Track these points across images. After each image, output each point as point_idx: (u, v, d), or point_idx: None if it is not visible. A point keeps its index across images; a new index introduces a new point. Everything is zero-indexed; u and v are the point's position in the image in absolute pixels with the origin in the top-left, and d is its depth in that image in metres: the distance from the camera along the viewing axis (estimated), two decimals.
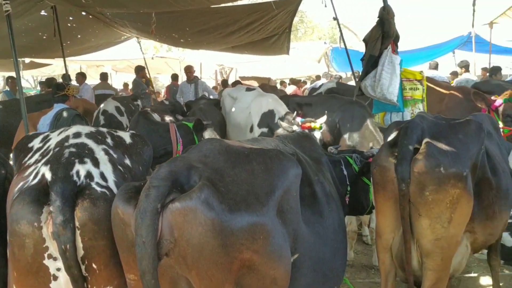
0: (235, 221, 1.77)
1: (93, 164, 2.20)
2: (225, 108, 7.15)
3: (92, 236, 2.05)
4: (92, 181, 2.13)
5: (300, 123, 5.95)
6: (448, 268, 2.91)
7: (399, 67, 4.94)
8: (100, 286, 2.14)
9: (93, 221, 2.03)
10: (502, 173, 3.37)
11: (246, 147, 2.13)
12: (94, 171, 2.17)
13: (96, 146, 2.32)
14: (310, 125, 5.87)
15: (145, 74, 11.35)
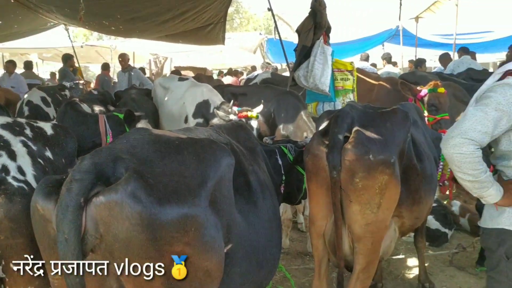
0: (165, 213, 1.70)
1: (9, 157, 2.04)
2: (157, 98, 6.93)
3: (9, 234, 1.91)
4: (8, 175, 1.98)
5: (237, 112, 5.93)
6: (378, 251, 3.03)
7: (330, 57, 5.05)
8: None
9: (10, 219, 1.90)
10: (427, 160, 3.55)
11: (177, 137, 2.06)
12: (11, 165, 2.02)
13: (13, 137, 2.15)
14: (247, 114, 5.86)
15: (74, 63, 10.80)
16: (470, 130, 2.16)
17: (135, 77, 9.32)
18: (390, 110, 3.21)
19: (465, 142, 2.16)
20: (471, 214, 5.69)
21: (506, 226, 2.29)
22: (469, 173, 2.20)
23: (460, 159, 2.18)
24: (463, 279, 4.64)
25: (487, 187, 2.22)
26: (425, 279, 4.40)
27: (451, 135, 2.23)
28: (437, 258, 5.15)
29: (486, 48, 15.17)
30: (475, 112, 2.21)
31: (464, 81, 7.69)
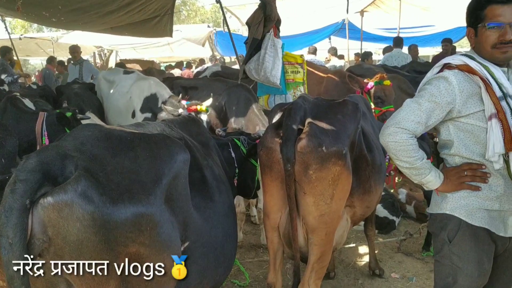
0: (119, 213, 1.64)
1: None
2: (101, 92, 6.64)
3: None
4: None
5: (186, 106, 5.83)
6: (331, 241, 3.07)
7: (281, 50, 5.06)
8: None
9: None
10: (376, 150, 3.64)
11: (129, 132, 1.98)
12: None
13: None
14: (196, 107, 5.78)
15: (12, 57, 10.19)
16: (403, 120, 2.27)
17: (86, 69, 8.85)
18: (341, 102, 3.27)
19: (399, 131, 2.27)
20: (417, 202, 5.93)
21: (447, 211, 2.39)
22: (405, 160, 2.31)
23: (395, 147, 2.29)
24: (410, 264, 4.82)
25: (425, 173, 2.33)
26: (375, 266, 4.54)
27: (387, 124, 2.34)
28: (386, 245, 5.32)
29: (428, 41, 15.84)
30: (410, 103, 2.33)
31: (407, 73, 7.97)
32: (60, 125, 4.32)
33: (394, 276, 4.58)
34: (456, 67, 2.28)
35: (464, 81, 2.25)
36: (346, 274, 4.64)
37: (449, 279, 2.37)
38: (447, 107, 2.25)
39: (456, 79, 2.24)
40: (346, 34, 14.22)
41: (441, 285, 2.43)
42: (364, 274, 4.63)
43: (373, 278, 4.51)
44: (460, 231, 2.34)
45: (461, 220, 2.35)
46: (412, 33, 15.52)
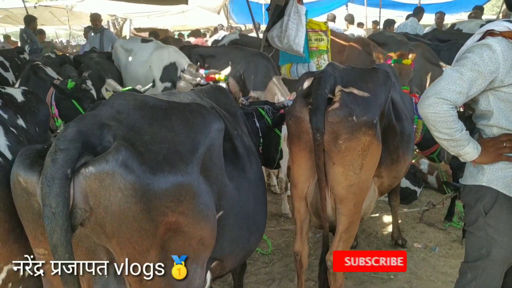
0: (159, 183, 1.62)
1: None
2: (119, 61, 6.57)
3: None
4: None
5: (204, 75, 5.77)
6: (360, 212, 3.06)
7: (304, 17, 4.93)
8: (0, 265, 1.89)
9: None
10: (405, 119, 3.58)
11: (164, 101, 1.95)
12: None
13: None
14: (214, 76, 5.72)
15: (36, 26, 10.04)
16: (444, 90, 2.18)
17: (107, 38, 8.66)
18: (371, 70, 3.19)
19: (439, 102, 2.18)
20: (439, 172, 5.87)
21: (484, 183, 2.34)
22: (444, 132, 2.23)
23: (435, 118, 2.21)
24: (432, 235, 4.81)
25: (463, 145, 2.26)
26: (398, 235, 4.54)
27: (426, 95, 2.24)
28: (408, 216, 5.31)
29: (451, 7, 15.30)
30: (451, 72, 2.22)
31: (429, 42, 7.76)
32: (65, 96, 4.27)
33: (416, 246, 4.58)
34: (499, 34, 2.18)
35: (508, 49, 2.14)
36: (368, 244, 4.65)
37: (483, 250, 2.34)
38: (490, 76, 2.16)
39: (500, 46, 2.14)
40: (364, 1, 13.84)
41: (473, 256, 2.40)
42: (386, 244, 4.64)
43: (395, 248, 4.51)
44: (497, 203, 2.29)
45: (498, 192, 2.29)
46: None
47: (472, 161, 2.35)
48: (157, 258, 1.71)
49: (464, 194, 2.47)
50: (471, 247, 2.43)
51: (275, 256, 4.45)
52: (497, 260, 2.33)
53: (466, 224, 2.50)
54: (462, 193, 2.50)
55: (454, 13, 16.35)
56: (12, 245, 1.87)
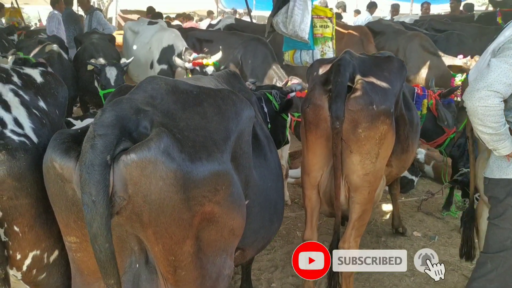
0: (198, 171, 1.56)
1: (3, 108, 1.78)
2: (127, 43, 6.54)
3: (12, 194, 1.69)
4: (6, 128, 1.73)
5: (191, 59, 5.67)
6: (372, 200, 3.06)
7: (310, 3, 4.86)
8: (25, 251, 1.82)
9: (13, 177, 1.67)
10: (413, 109, 3.58)
11: (194, 86, 1.87)
12: (6, 116, 1.77)
13: (2, 86, 1.86)
14: (202, 61, 5.62)
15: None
16: (496, 83, 2.14)
17: (95, 20, 8.34)
18: (386, 58, 3.17)
19: (491, 95, 2.14)
20: (436, 162, 5.92)
21: None
22: (491, 126, 2.20)
23: (485, 111, 2.17)
24: (431, 223, 4.86)
25: (504, 139, 2.25)
26: (398, 224, 4.57)
27: (476, 87, 2.19)
28: (406, 204, 5.35)
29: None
30: (499, 63, 2.17)
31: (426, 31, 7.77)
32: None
33: (416, 234, 4.62)
34: None
35: None
36: (368, 232, 4.67)
37: (508, 242, 2.35)
38: None
39: None
40: None
41: (495, 247, 2.42)
42: (386, 232, 4.67)
43: (395, 236, 4.55)
44: None
45: None
46: None
47: (506, 155, 2.34)
48: (191, 248, 1.66)
49: (491, 187, 2.46)
50: (494, 239, 2.44)
51: (277, 243, 4.43)
52: None
53: (491, 216, 2.50)
54: (488, 186, 2.49)
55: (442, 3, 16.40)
56: (38, 231, 1.81)
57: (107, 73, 4.97)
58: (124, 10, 18.56)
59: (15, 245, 1.80)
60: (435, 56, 6.35)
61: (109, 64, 5.07)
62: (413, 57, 6.45)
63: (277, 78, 6.11)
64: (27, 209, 1.75)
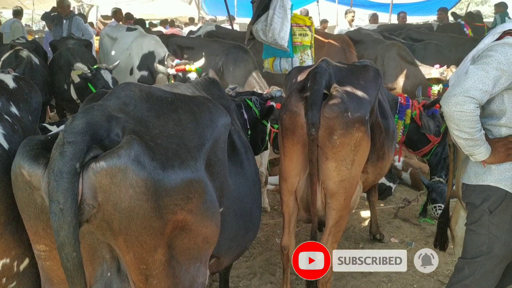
0: (169, 179, 1.55)
1: None
2: (104, 49, 6.48)
3: None
4: None
5: (174, 65, 5.66)
6: (349, 206, 3.08)
7: (290, 11, 4.91)
8: None
9: None
10: (389, 117, 3.62)
11: (169, 93, 1.87)
12: None
13: None
14: (184, 67, 5.61)
15: None
16: (472, 89, 2.17)
17: (74, 25, 8.17)
18: (363, 67, 3.21)
19: (467, 101, 2.18)
20: (413, 169, 6.00)
21: (492, 183, 2.38)
22: (466, 131, 2.24)
23: (460, 117, 2.20)
24: (408, 230, 4.91)
25: (480, 145, 2.28)
26: (376, 230, 4.61)
27: (453, 93, 2.22)
28: (383, 211, 5.40)
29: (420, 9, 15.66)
30: (476, 71, 2.21)
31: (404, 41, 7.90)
32: None
33: (393, 240, 4.66)
34: None
35: None
36: (347, 238, 4.70)
37: (484, 247, 2.39)
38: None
39: None
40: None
41: (473, 253, 2.45)
42: (364, 238, 4.70)
43: (373, 243, 4.58)
44: (503, 202, 2.34)
45: (506, 191, 2.34)
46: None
47: (482, 161, 2.38)
48: (163, 256, 1.65)
49: (468, 193, 2.49)
50: (471, 244, 2.47)
51: (255, 250, 4.43)
52: (498, 256, 2.39)
53: (468, 222, 2.53)
54: (464, 192, 2.53)
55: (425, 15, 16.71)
56: (8, 239, 1.77)
57: (104, 76, 4.94)
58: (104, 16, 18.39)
59: None
60: (412, 65, 6.47)
61: (102, 67, 5.04)
62: (391, 66, 6.56)
63: (258, 86, 6.14)
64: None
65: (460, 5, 18.97)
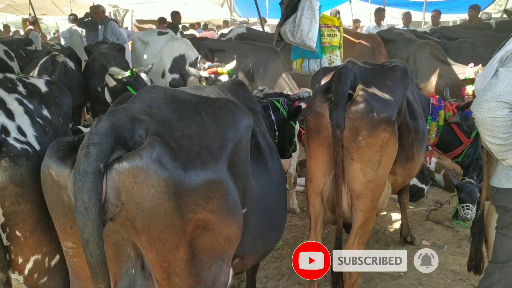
0: (190, 180, 1.60)
1: (7, 116, 1.86)
2: (137, 53, 6.67)
3: (14, 200, 1.77)
4: (9, 136, 1.81)
5: (206, 67, 5.74)
6: (375, 208, 3.05)
7: (318, 12, 4.90)
8: (26, 256, 1.88)
9: (15, 183, 1.75)
10: (419, 117, 3.56)
11: (193, 96, 1.92)
12: (10, 125, 1.84)
13: (7, 95, 1.94)
14: (216, 70, 5.68)
15: None
16: (504, 93, 2.11)
17: (109, 30, 8.45)
18: (390, 67, 3.17)
19: (500, 106, 2.11)
20: (446, 170, 5.86)
21: None
22: (500, 137, 2.17)
23: (493, 122, 2.14)
24: (440, 232, 4.80)
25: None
26: (407, 233, 4.53)
27: (484, 98, 2.16)
28: (415, 213, 5.30)
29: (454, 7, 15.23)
30: (508, 74, 2.13)
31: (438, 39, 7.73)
32: None
33: (425, 243, 4.57)
34: None
35: None
36: (377, 240, 4.64)
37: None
38: None
39: None
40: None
41: (504, 257, 2.39)
42: (394, 241, 4.63)
43: (404, 245, 4.50)
44: None
45: None
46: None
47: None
48: (185, 255, 1.69)
49: (499, 196, 2.43)
50: (502, 248, 2.41)
51: (284, 251, 4.44)
52: None
53: (499, 226, 2.46)
54: (495, 195, 2.47)
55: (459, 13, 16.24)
56: (40, 236, 1.86)
57: (145, 79, 5.08)
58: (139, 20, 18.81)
59: (17, 249, 1.86)
60: (445, 64, 6.32)
61: (141, 71, 5.19)
62: (423, 65, 6.43)
63: (287, 88, 6.15)
64: (29, 214, 1.81)
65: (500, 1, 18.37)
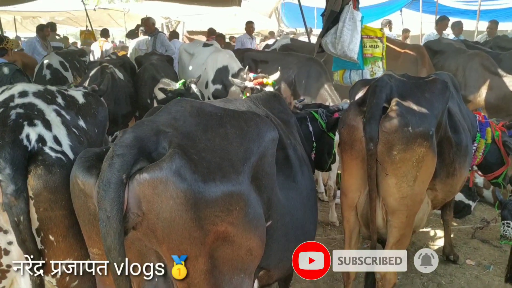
0: (210, 192, 1.62)
1: (44, 127, 1.97)
2: (183, 64, 6.87)
3: (48, 206, 1.86)
4: (45, 145, 1.91)
5: (252, 78, 5.79)
6: (411, 225, 2.96)
7: (360, 23, 4.84)
8: (59, 259, 1.97)
9: (49, 190, 1.84)
10: (462, 132, 3.42)
11: (219, 109, 1.96)
12: (47, 135, 1.95)
13: (46, 106, 2.07)
14: (262, 81, 5.72)
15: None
16: None
17: (158, 42, 8.74)
18: (430, 80, 3.08)
19: None
20: None
21: None
22: None
23: None
24: (487, 252, 4.58)
25: None
26: (450, 251, 4.36)
27: None
28: (460, 231, 5.08)
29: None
30: None
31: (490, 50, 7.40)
32: None
33: (469, 263, 4.37)
34: None
35: None
36: None
37: None
38: None
39: None
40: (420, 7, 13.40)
41: None
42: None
43: (446, 264, 4.33)
44: None
45: None
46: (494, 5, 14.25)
47: None
48: (205, 266, 1.71)
49: None
50: None
51: None
52: None
53: None
54: None
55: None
56: (71, 241, 1.95)
57: (195, 90, 5.23)
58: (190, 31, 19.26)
59: (50, 253, 1.95)
60: (496, 76, 6.05)
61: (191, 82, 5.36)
62: (473, 77, 6.17)
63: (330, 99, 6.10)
64: (61, 220, 1.90)
65: None
